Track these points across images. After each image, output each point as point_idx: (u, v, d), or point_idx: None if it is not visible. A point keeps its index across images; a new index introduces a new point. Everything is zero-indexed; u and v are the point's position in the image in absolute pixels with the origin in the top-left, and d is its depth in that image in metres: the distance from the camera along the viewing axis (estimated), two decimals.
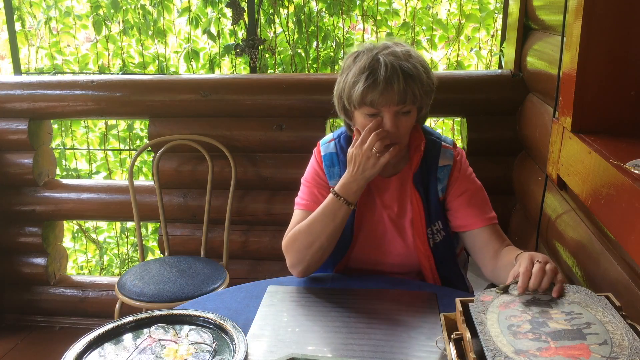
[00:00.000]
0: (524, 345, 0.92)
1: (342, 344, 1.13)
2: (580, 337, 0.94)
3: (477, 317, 1.01)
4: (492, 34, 2.68)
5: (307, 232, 1.36)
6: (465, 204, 1.42)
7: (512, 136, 2.27)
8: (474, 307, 1.05)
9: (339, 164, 1.46)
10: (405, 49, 1.33)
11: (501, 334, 0.96)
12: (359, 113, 1.34)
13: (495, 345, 0.93)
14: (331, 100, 1.47)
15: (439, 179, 1.43)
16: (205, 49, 2.77)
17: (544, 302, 1.04)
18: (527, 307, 1.03)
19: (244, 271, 2.50)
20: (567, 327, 0.96)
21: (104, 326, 1.16)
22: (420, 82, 1.30)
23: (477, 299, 1.07)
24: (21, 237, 2.60)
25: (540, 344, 0.93)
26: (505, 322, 0.99)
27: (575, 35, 1.31)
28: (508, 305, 1.05)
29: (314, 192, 1.46)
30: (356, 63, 1.32)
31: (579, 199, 1.29)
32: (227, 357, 1.07)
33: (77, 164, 3.10)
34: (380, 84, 1.26)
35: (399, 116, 1.31)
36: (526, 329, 0.97)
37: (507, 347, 0.92)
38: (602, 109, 1.32)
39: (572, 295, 1.06)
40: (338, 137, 1.50)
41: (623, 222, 1.03)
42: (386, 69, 1.27)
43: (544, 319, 0.99)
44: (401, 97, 1.28)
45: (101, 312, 2.60)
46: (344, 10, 2.63)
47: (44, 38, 2.87)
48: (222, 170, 2.37)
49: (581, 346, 0.92)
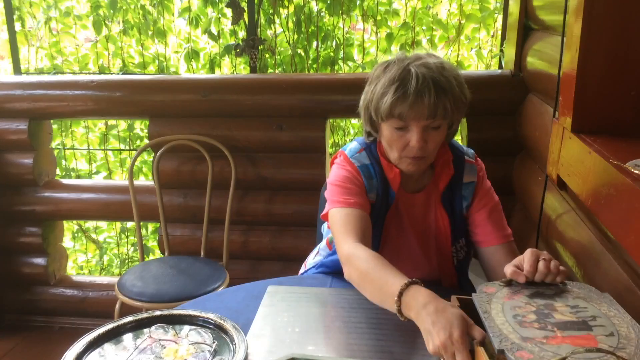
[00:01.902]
0: (531, 334, 0.92)
1: (342, 344, 1.13)
2: (586, 328, 0.93)
3: (482, 306, 1.00)
4: (492, 34, 2.68)
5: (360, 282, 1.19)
6: (484, 220, 1.40)
7: (512, 136, 2.27)
8: (477, 297, 1.03)
9: (376, 176, 1.37)
10: (438, 60, 1.27)
11: (507, 322, 0.95)
12: (386, 125, 1.28)
13: (502, 332, 0.92)
14: (331, 99, 1.46)
15: (464, 197, 1.40)
16: (205, 49, 2.77)
17: (548, 295, 1.04)
18: (532, 299, 1.03)
19: (244, 271, 2.50)
20: (572, 319, 0.96)
21: (104, 326, 1.15)
22: (453, 96, 1.25)
23: (480, 290, 1.06)
24: (21, 237, 2.60)
25: (546, 332, 0.92)
26: (510, 312, 0.98)
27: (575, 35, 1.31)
28: (512, 297, 1.04)
29: (354, 190, 1.34)
30: (386, 73, 1.26)
31: (579, 199, 1.29)
32: (227, 357, 1.07)
33: (77, 164, 3.10)
34: (410, 97, 1.20)
35: (429, 131, 1.26)
36: (532, 319, 0.96)
37: (514, 334, 0.91)
38: (602, 109, 1.32)
39: (575, 290, 1.06)
40: (368, 147, 1.40)
41: (623, 222, 1.03)
42: (417, 81, 1.21)
43: (549, 311, 0.99)
44: (431, 112, 1.22)
45: (101, 312, 2.60)
46: (344, 10, 2.63)
47: (44, 38, 2.87)
48: (222, 170, 2.37)
49: (588, 336, 0.91)
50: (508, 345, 0.88)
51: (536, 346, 0.88)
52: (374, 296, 1.15)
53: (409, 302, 1.03)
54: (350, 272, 1.21)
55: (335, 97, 2.27)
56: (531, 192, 2.02)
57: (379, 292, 1.12)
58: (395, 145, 1.29)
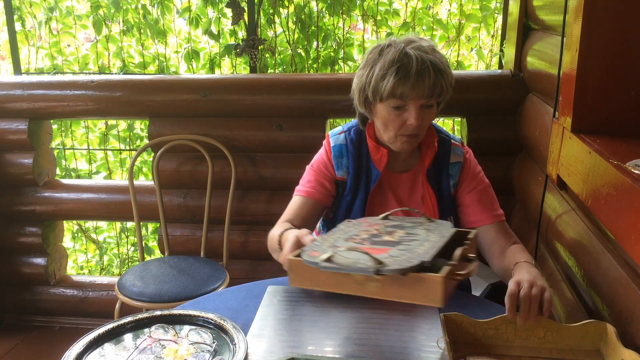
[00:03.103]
0: (342, 244, 1.08)
1: (343, 344, 1.13)
2: (392, 245, 1.06)
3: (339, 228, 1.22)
4: (492, 34, 2.68)
5: (270, 248, 1.39)
6: (474, 201, 1.46)
7: (512, 136, 2.27)
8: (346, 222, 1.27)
9: (347, 155, 1.48)
10: (429, 43, 1.35)
11: (337, 238, 1.13)
12: (383, 106, 1.35)
13: (325, 239, 1.11)
14: (331, 99, 1.47)
15: (451, 175, 1.47)
16: (205, 49, 2.77)
17: (404, 227, 1.20)
18: (385, 227, 1.20)
19: (244, 271, 2.50)
20: (392, 240, 1.10)
21: (104, 326, 1.15)
22: (447, 75, 1.33)
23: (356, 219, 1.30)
24: (21, 237, 2.60)
25: (355, 245, 1.08)
26: (353, 232, 1.17)
27: (575, 35, 1.31)
28: (372, 225, 1.22)
29: (317, 178, 1.49)
30: (383, 56, 1.33)
31: (579, 199, 1.29)
32: (227, 357, 1.07)
33: (77, 164, 3.10)
34: (412, 77, 1.28)
35: (424, 109, 1.34)
36: (362, 237, 1.13)
37: (329, 243, 1.09)
38: (602, 109, 1.32)
39: (432, 225, 1.21)
40: (348, 129, 1.52)
41: (623, 222, 1.03)
42: (417, 62, 1.28)
43: (384, 234, 1.15)
44: (431, 91, 1.30)
45: (101, 312, 2.60)
46: (344, 10, 2.63)
47: (44, 38, 2.87)
48: (222, 170, 2.37)
49: (383, 249, 1.04)
50: (312, 248, 1.05)
51: (333, 250, 1.02)
52: (273, 253, 1.35)
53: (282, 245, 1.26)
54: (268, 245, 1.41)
55: (335, 97, 2.27)
56: (531, 192, 2.02)
57: (273, 250, 1.34)
58: (391, 125, 1.36)
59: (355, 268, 0.95)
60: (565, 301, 1.57)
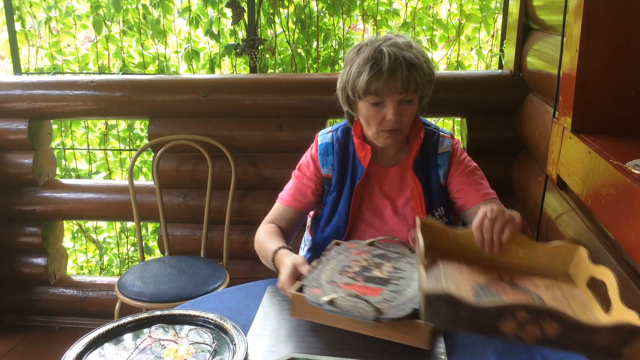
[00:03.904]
0: (339, 279, 1.15)
1: (343, 344, 1.13)
2: (383, 284, 1.14)
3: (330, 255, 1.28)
4: (492, 34, 2.68)
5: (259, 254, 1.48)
6: (464, 183, 1.47)
7: (512, 136, 2.27)
8: (336, 249, 1.32)
9: (332, 154, 1.51)
10: (405, 40, 1.38)
11: (332, 270, 1.19)
12: (363, 103, 1.39)
13: (320, 275, 1.17)
14: (331, 99, 1.48)
15: (439, 165, 1.48)
16: (205, 49, 2.77)
17: (389, 258, 1.27)
18: (372, 258, 1.26)
19: (244, 271, 2.50)
20: (382, 276, 1.17)
21: (104, 326, 1.15)
22: (422, 71, 1.35)
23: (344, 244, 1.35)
24: (21, 237, 2.60)
25: (350, 281, 1.15)
26: (345, 263, 1.23)
27: (575, 35, 1.31)
28: (360, 253, 1.28)
29: (299, 187, 1.54)
30: (360, 55, 1.37)
31: (579, 199, 1.29)
32: (227, 357, 1.07)
33: (76, 164, 3.10)
34: (385, 73, 1.31)
35: (402, 105, 1.37)
36: (354, 270, 1.20)
37: (326, 278, 1.16)
38: (602, 109, 1.32)
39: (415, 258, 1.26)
40: (336, 129, 1.55)
41: (623, 222, 1.03)
42: (390, 58, 1.31)
43: (373, 267, 1.21)
44: (404, 86, 1.32)
45: (101, 312, 2.60)
46: (344, 10, 2.63)
47: (44, 38, 2.87)
48: (222, 170, 2.37)
49: (376, 289, 1.12)
50: (312, 284, 1.12)
51: (332, 288, 1.10)
52: (265, 263, 1.42)
53: (277, 263, 1.33)
54: (255, 246, 1.50)
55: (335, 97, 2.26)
56: (531, 192, 2.02)
57: (265, 260, 1.42)
58: (372, 121, 1.39)
59: (356, 314, 1.04)
60: None
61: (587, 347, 0.90)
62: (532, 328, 0.91)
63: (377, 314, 1.03)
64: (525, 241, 1.15)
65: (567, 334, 0.90)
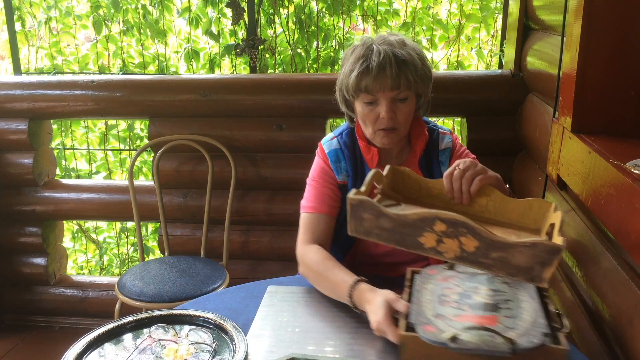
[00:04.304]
0: (445, 312, 1.04)
1: (343, 344, 1.13)
2: (494, 310, 1.05)
3: (417, 286, 1.14)
4: (492, 34, 2.68)
5: (315, 281, 1.34)
6: None
7: (512, 136, 2.27)
8: (418, 277, 1.18)
9: (344, 159, 1.48)
10: (399, 38, 1.38)
11: (431, 301, 1.08)
12: (358, 103, 1.39)
13: (422, 308, 1.05)
14: (331, 100, 1.49)
15: (442, 162, 1.48)
16: (205, 49, 2.77)
17: (480, 280, 1.15)
18: (463, 282, 1.15)
19: (244, 271, 2.50)
20: (487, 301, 1.07)
21: (104, 326, 1.15)
22: (414, 67, 1.34)
23: (424, 272, 1.20)
24: (21, 237, 2.60)
25: (459, 312, 1.04)
26: (439, 292, 1.11)
27: (575, 35, 1.31)
28: (447, 279, 1.16)
29: (322, 191, 1.46)
30: (353, 54, 1.38)
31: (579, 199, 1.29)
32: (227, 357, 1.07)
33: (76, 164, 3.10)
34: (374, 70, 1.31)
35: (396, 103, 1.36)
36: (453, 299, 1.08)
37: (431, 311, 1.04)
38: (602, 109, 1.32)
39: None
40: (340, 134, 1.53)
41: (623, 222, 1.03)
42: (379, 55, 1.32)
43: (471, 293, 1.10)
44: (394, 82, 1.32)
45: (101, 312, 2.60)
46: (344, 10, 2.63)
47: (44, 38, 2.87)
48: (222, 170, 2.37)
49: (491, 317, 1.02)
50: (420, 320, 1.01)
51: (444, 322, 1.00)
52: (330, 294, 1.29)
53: (358, 299, 1.20)
54: (304, 271, 1.38)
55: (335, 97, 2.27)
56: (531, 192, 2.02)
57: (333, 292, 1.28)
58: (368, 120, 1.39)
59: (487, 349, 0.95)
60: (565, 301, 1.57)
61: (507, 266, 0.94)
62: (451, 242, 0.94)
63: (511, 345, 0.94)
64: (497, 195, 1.15)
65: (485, 250, 0.93)
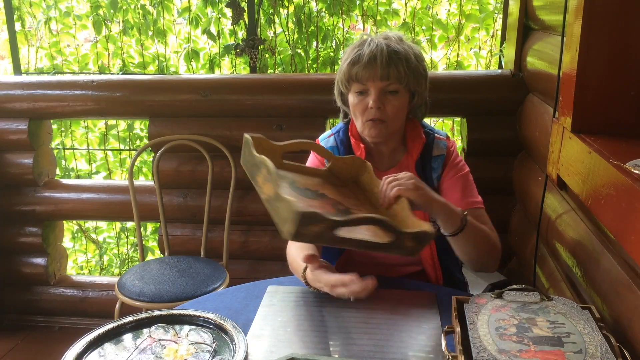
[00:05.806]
0: (507, 346, 0.99)
1: (343, 344, 1.13)
2: (558, 344, 1.01)
3: (470, 317, 1.09)
4: (492, 34, 2.68)
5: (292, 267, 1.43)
6: (452, 186, 1.46)
7: (512, 136, 2.26)
8: (468, 307, 1.13)
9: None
10: (398, 35, 1.42)
11: (489, 334, 1.03)
12: (351, 94, 1.43)
13: (482, 343, 1.00)
14: (331, 100, 1.49)
15: (434, 168, 1.48)
16: (205, 49, 2.78)
17: (533, 310, 1.12)
18: (516, 312, 1.11)
19: (244, 271, 2.50)
20: (548, 334, 1.04)
21: (104, 326, 1.15)
22: (407, 61, 1.37)
23: (472, 300, 1.15)
24: (21, 237, 2.60)
25: (522, 346, 1.00)
26: (494, 324, 1.07)
27: (575, 35, 1.31)
28: (499, 309, 1.12)
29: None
30: (351, 47, 1.44)
31: (579, 199, 1.29)
32: (227, 357, 1.07)
33: (76, 164, 3.10)
34: (364, 58, 1.35)
35: (386, 95, 1.39)
36: (512, 332, 1.04)
37: (492, 346, 1.00)
38: (602, 109, 1.32)
39: (559, 306, 1.13)
40: (337, 131, 1.55)
41: (623, 222, 1.03)
42: (370, 46, 1.36)
43: (529, 325, 1.06)
44: (384, 72, 1.35)
45: (101, 312, 2.60)
46: (344, 10, 2.63)
47: (43, 38, 2.87)
48: (222, 170, 2.37)
49: (558, 352, 0.98)
50: (485, 357, 0.96)
51: (509, 358, 0.96)
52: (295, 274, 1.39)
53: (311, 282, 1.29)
54: (290, 267, 1.45)
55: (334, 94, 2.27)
56: (531, 192, 2.02)
57: (296, 272, 1.37)
58: (358, 110, 1.42)
59: None
60: None
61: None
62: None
63: None
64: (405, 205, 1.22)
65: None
